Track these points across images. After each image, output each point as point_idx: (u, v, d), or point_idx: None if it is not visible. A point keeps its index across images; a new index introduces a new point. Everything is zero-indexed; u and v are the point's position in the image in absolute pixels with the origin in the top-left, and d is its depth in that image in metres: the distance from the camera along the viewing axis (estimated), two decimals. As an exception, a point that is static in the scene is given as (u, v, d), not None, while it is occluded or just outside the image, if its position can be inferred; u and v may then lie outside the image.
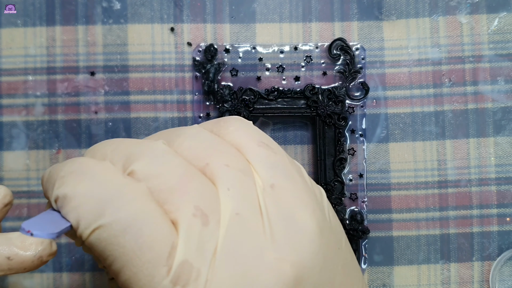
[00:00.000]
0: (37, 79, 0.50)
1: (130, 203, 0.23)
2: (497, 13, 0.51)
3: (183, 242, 0.23)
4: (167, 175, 0.25)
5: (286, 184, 0.26)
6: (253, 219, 0.24)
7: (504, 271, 0.50)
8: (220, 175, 0.25)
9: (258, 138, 0.28)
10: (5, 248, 0.32)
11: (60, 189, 0.25)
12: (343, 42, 0.50)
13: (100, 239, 0.23)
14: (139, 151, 0.26)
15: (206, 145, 0.27)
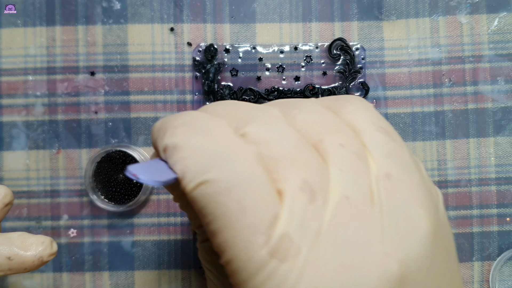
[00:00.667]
0: (37, 79, 0.50)
1: (239, 163, 0.23)
2: (497, 13, 0.51)
3: (286, 215, 0.22)
4: (279, 143, 0.24)
5: (403, 176, 0.25)
6: (363, 206, 0.23)
7: (504, 271, 0.50)
8: (334, 154, 0.24)
9: (378, 123, 0.27)
10: (6, 248, 0.32)
11: (171, 139, 0.24)
12: (343, 42, 0.50)
13: (204, 194, 0.23)
14: (253, 115, 0.25)
15: (321, 121, 0.26)
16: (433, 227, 0.24)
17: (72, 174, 0.50)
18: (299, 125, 0.26)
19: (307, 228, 0.22)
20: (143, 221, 0.50)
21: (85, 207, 0.50)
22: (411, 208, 0.24)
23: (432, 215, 0.25)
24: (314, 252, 0.22)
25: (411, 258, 0.23)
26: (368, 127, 0.26)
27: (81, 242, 0.50)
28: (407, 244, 0.23)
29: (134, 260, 0.50)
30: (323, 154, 0.24)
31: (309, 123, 0.26)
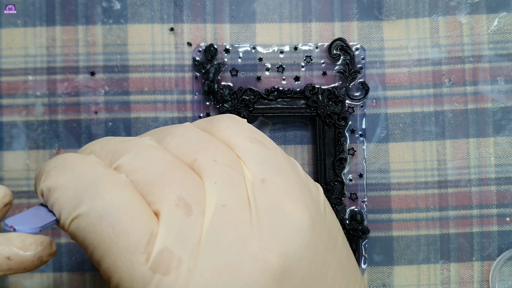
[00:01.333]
0: (37, 79, 0.50)
1: (106, 191, 0.24)
2: (497, 13, 0.51)
3: (163, 231, 0.23)
4: (150, 167, 0.25)
5: (278, 179, 0.26)
6: (239, 211, 0.24)
7: (504, 271, 0.50)
8: (208, 169, 0.26)
9: (250, 135, 0.28)
10: (5, 248, 0.32)
11: (44, 183, 0.26)
12: (343, 42, 0.50)
13: (79, 228, 0.24)
14: (125, 147, 0.27)
15: (195, 142, 0.27)
16: (311, 219, 0.26)
17: (72, 174, 0.50)
18: (174, 150, 0.27)
19: (186, 240, 0.23)
20: (143, 221, 0.50)
21: (85, 207, 0.50)
22: (286, 205, 0.25)
23: (310, 208, 0.26)
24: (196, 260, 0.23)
25: (291, 250, 0.24)
26: (241, 140, 0.28)
27: (81, 242, 0.50)
28: (284, 237, 0.24)
29: (134, 260, 0.50)
30: (198, 171, 0.26)
31: (182, 146, 0.27)
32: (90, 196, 0.24)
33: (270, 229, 0.24)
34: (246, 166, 0.27)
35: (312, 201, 0.27)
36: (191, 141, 0.28)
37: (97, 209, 0.23)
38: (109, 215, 0.23)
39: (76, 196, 0.24)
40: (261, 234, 0.24)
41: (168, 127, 0.30)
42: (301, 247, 0.25)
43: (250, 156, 0.27)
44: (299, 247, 0.24)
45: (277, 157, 0.28)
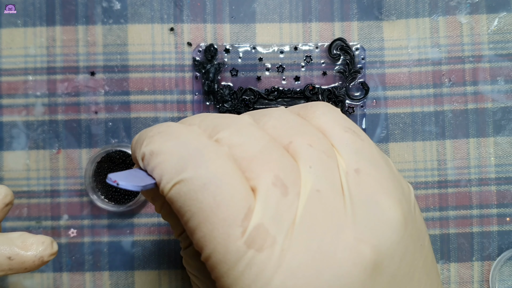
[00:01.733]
0: (37, 79, 0.50)
1: (211, 161, 0.24)
2: (497, 13, 0.51)
3: (260, 207, 0.23)
4: (249, 144, 0.25)
5: (372, 171, 0.26)
6: (334, 198, 0.24)
7: (504, 271, 0.50)
8: (303, 153, 0.26)
9: (345, 124, 0.28)
10: (6, 248, 0.32)
11: (147, 147, 0.26)
12: (343, 42, 0.50)
13: (180, 193, 0.24)
14: (225, 122, 0.27)
15: (291, 125, 0.27)
16: (403, 216, 0.25)
17: (72, 174, 0.50)
18: (270, 131, 0.27)
19: (281, 219, 0.23)
20: (143, 221, 0.50)
21: (85, 207, 0.50)
22: (380, 199, 0.25)
23: (403, 205, 0.26)
24: (290, 241, 0.23)
25: (384, 244, 0.24)
26: (336, 128, 0.28)
27: (81, 242, 0.50)
28: (378, 231, 0.24)
29: (134, 260, 0.50)
30: (293, 154, 0.26)
31: (278, 128, 0.27)
32: (195, 163, 0.24)
33: (364, 221, 0.24)
34: (340, 155, 0.27)
35: (404, 198, 0.27)
36: (287, 124, 0.28)
37: (201, 176, 0.24)
38: (211, 184, 0.23)
39: (180, 162, 0.24)
40: (355, 225, 0.24)
41: (263, 110, 0.30)
42: (393, 244, 0.24)
43: (344, 145, 0.27)
44: (392, 243, 0.24)
45: (371, 149, 0.28)
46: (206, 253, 0.24)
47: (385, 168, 0.27)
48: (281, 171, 0.24)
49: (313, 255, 0.23)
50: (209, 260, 0.24)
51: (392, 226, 0.25)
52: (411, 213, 0.27)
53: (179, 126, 0.27)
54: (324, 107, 0.29)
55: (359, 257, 0.23)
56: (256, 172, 0.24)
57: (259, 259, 0.22)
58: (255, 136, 0.26)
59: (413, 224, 0.26)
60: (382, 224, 0.24)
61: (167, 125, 0.27)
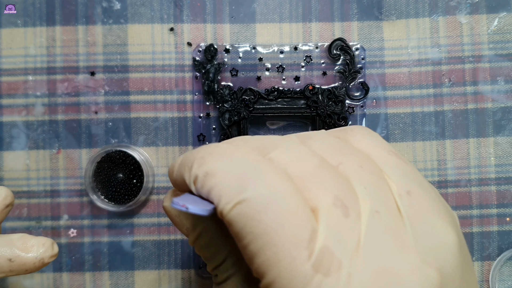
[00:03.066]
0: (37, 79, 0.50)
1: (272, 179, 0.23)
2: (497, 13, 0.51)
3: (324, 229, 0.22)
4: (304, 163, 0.24)
5: (422, 193, 0.25)
6: (393, 220, 0.24)
7: (504, 271, 0.50)
8: (355, 174, 0.25)
9: (387, 147, 0.28)
10: (7, 249, 0.32)
11: (200, 168, 0.25)
12: (343, 42, 0.50)
13: (242, 213, 0.23)
14: (273, 142, 0.26)
15: (336, 148, 0.27)
16: (458, 239, 0.25)
17: (72, 174, 0.50)
18: (318, 152, 0.26)
19: (345, 242, 0.22)
20: (143, 221, 0.50)
21: (85, 207, 0.50)
22: (436, 222, 0.24)
23: (456, 228, 0.25)
24: (355, 264, 0.22)
25: (446, 268, 0.23)
26: (379, 151, 0.27)
27: (81, 242, 0.50)
28: (440, 253, 0.23)
29: (134, 260, 0.50)
30: (345, 175, 0.25)
31: (325, 150, 0.26)
32: (255, 182, 0.23)
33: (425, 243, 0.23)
34: (388, 177, 0.26)
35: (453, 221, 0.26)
36: (332, 146, 0.27)
37: (263, 195, 0.22)
38: (274, 204, 0.22)
39: (239, 181, 0.23)
40: (418, 246, 0.23)
41: (306, 132, 0.29)
42: (453, 266, 0.24)
43: (391, 168, 0.26)
44: (452, 266, 0.24)
45: (416, 172, 0.27)
46: (269, 278, 0.22)
47: (432, 191, 0.26)
48: (340, 191, 0.23)
49: (380, 278, 0.22)
50: (271, 286, 0.22)
51: (451, 249, 0.24)
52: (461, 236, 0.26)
53: (230, 147, 0.26)
54: (363, 131, 0.29)
55: (427, 279, 0.22)
56: (314, 191, 0.23)
57: (326, 284, 0.21)
58: (307, 155, 0.25)
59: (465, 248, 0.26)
60: (441, 247, 0.24)
61: (215, 146, 0.26)
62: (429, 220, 0.24)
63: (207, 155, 0.25)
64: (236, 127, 0.49)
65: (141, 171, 0.48)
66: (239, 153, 0.25)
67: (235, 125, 0.49)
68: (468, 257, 0.27)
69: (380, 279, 0.22)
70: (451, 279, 0.23)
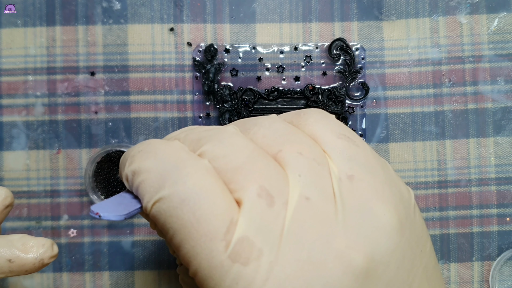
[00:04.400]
0: (37, 79, 0.50)
1: (189, 176, 0.24)
2: (497, 13, 0.51)
3: (244, 219, 0.23)
4: (233, 155, 0.25)
5: (366, 177, 0.25)
6: (324, 206, 0.24)
7: (504, 271, 0.50)
8: (292, 161, 0.25)
9: (338, 130, 0.28)
10: (6, 250, 0.32)
11: (129, 167, 0.26)
12: (343, 42, 0.50)
13: (161, 211, 0.24)
14: (208, 135, 0.27)
15: (280, 134, 0.27)
16: (399, 222, 0.25)
17: (72, 174, 0.50)
18: (260, 140, 0.27)
19: (267, 231, 0.23)
20: (143, 221, 0.50)
21: (85, 207, 0.50)
22: (375, 205, 0.25)
23: (399, 210, 0.25)
24: (277, 252, 0.22)
25: (377, 252, 0.23)
26: (329, 135, 0.27)
27: (81, 242, 0.50)
28: (371, 237, 0.24)
29: (134, 260, 0.50)
30: (282, 163, 0.25)
31: (269, 137, 0.27)
32: (172, 180, 0.24)
33: (356, 228, 0.24)
34: (332, 162, 0.26)
35: (402, 203, 0.26)
36: (277, 132, 0.27)
37: (179, 193, 0.23)
38: (190, 200, 0.23)
39: (159, 179, 0.24)
40: (346, 232, 0.23)
41: (254, 118, 0.29)
42: (388, 250, 0.24)
43: (337, 152, 0.26)
44: (387, 250, 0.24)
45: (367, 155, 0.27)
46: (192, 269, 0.23)
47: (381, 173, 0.26)
48: (267, 181, 0.24)
49: (302, 266, 0.22)
50: (196, 276, 0.23)
51: (386, 232, 0.24)
52: (409, 218, 0.26)
53: (160, 143, 0.27)
54: (317, 114, 0.29)
55: (350, 265, 0.23)
56: (240, 183, 0.24)
57: (245, 273, 0.22)
58: (239, 146, 0.25)
59: (411, 230, 0.26)
60: (375, 230, 0.24)
61: (147, 143, 0.27)
62: (368, 204, 0.25)
63: (136, 154, 0.26)
64: (236, 127, 0.49)
65: (141, 171, 0.48)
66: (166, 150, 0.26)
67: (235, 125, 0.49)
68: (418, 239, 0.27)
69: (303, 267, 0.22)
70: (385, 263, 0.24)
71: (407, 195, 0.28)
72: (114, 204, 0.26)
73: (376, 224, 0.24)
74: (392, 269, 0.24)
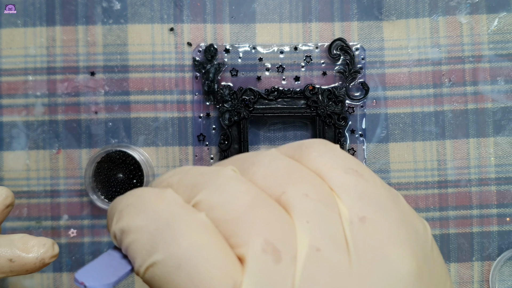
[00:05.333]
0: (37, 79, 0.50)
1: (183, 236, 0.22)
2: (497, 13, 0.51)
3: (249, 281, 0.21)
4: (232, 204, 0.23)
5: (379, 218, 0.23)
6: (336, 256, 0.22)
7: (504, 271, 0.50)
8: (298, 205, 0.23)
9: (345, 164, 0.25)
10: (7, 250, 0.32)
11: (117, 225, 0.24)
12: (343, 42, 0.50)
13: (155, 277, 0.22)
14: (204, 180, 0.24)
15: (282, 173, 0.25)
16: (417, 267, 0.23)
17: (72, 174, 0.50)
18: (260, 182, 0.24)
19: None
20: (143, 221, 0.50)
21: (85, 207, 0.50)
22: (390, 250, 0.23)
23: (416, 253, 0.23)
24: None
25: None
26: (335, 171, 0.25)
27: (81, 242, 0.50)
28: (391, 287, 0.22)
29: (134, 260, 0.50)
30: (287, 207, 0.23)
31: (270, 178, 0.24)
32: (165, 242, 0.22)
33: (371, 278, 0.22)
34: (341, 202, 0.24)
35: (418, 244, 0.24)
36: (278, 171, 0.25)
37: (174, 256, 0.21)
38: (187, 264, 0.21)
39: (150, 241, 0.22)
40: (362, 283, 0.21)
41: (253, 155, 0.27)
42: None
43: (346, 190, 0.24)
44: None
45: (377, 190, 0.25)
46: None
47: (394, 211, 0.24)
48: (272, 233, 0.22)
49: None
50: None
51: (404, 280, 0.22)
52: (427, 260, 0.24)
53: (151, 194, 0.24)
54: (320, 147, 0.26)
55: None
56: (242, 237, 0.22)
57: None
58: (238, 192, 0.23)
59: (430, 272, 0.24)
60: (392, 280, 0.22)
61: (137, 195, 0.24)
62: (382, 249, 0.23)
63: (124, 208, 0.24)
64: (236, 127, 0.49)
65: (141, 171, 0.48)
66: (158, 205, 0.23)
67: (235, 125, 0.49)
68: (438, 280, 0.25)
69: None
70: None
71: (422, 231, 0.25)
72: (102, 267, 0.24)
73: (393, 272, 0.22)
74: None
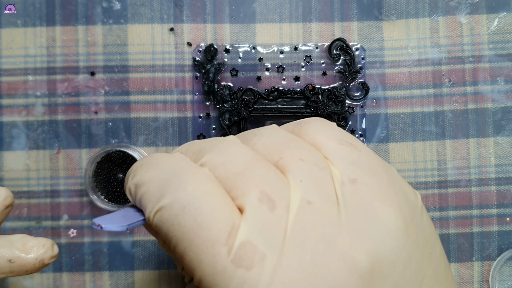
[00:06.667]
0: (37, 79, 0.50)
1: (189, 183, 0.24)
2: (497, 13, 0.51)
3: (245, 224, 0.23)
4: (232, 163, 0.25)
5: (369, 179, 0.25)
6: (326, 208, 0.24)
7: (504, 271, 0.50)
8: (293, 167, 0.25)
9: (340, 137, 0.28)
10: (7, 250, 0.32)
11: (132, 180, 0.26)
12: (343, 42, 0.50)
13: (163, 220, 0.24)
14: (209, 145, 0.27)
15: (281, 142, 0.27)
16: (404, 223, 0.25)
17: (72, 174, 0.50)
18: (261, 149, 0.27)
19: (270, 235, 0.23)
20: (143, 221, 0.50)
21: (85, 207, 0.50)
22: (378, 206, 0.24)
23: (404, 212, 0.25)
24: (281, 256, 0.22)
25: (382, 252, 0.23)
26: (330, 142, 0.27)
27: (81, 242, 0.50)
28: (375, 237, 0.23)
29: (134, 260, 0.50)
30: (283, 170, 0.25)
31: (269, 146, 0.27)
32: (173, 188, 0.24)
33: (360, 229, 0.24)
34: (334, 167, 0.26)
35: (407, 205, 0.26)
36: (277, 140, 0.27)
37: (180, 200, 0.24)
38: (191, 206, 0.23)
39: (160, 189, 0.25)
40: (350, 233, 0.23)
41: (255, 129, 0.29)
42: (393, 251, 0.24)
43: (339, 157, 0.26)
44: (392, 250, 0.24)
45: (369, 159, 0.27)
46: (197, 277, 0.23)
47: (384, 176, 0.26)
48: (267, 186, 0.24)
49: (306, 268, 0.22)
50: (201, 284, 0.23)
51: (391, 232, 0.24)
52: (415, 220, 0.26)
53: (161, 155, 0.27)
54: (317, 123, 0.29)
55: (355, 266, 0.22)
56: (240, 190, 0.24)
57: (249, 277, 0.22)
58: (238, 153, 0.26)
59: (418, 232, 0.26)
60: (379, 230, 0.24)
61: (150, 156, 0.27)
62: (371, 206, 0.24)
63: (138, 167, 0.27)
64: (236, 127, 0.49)
65: (141, 171, 0.48)
66: (168, 162, 0.26)
67: (235, 125, 0.49)
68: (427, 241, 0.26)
69: (307, 269, 0.22)
70: (390, 263, 0.23)
71: (413, 197, 0.27)
72: (117, 217, 0.26)
73: (380, 224, 0.24)
74: (398, 270, 0.24)
